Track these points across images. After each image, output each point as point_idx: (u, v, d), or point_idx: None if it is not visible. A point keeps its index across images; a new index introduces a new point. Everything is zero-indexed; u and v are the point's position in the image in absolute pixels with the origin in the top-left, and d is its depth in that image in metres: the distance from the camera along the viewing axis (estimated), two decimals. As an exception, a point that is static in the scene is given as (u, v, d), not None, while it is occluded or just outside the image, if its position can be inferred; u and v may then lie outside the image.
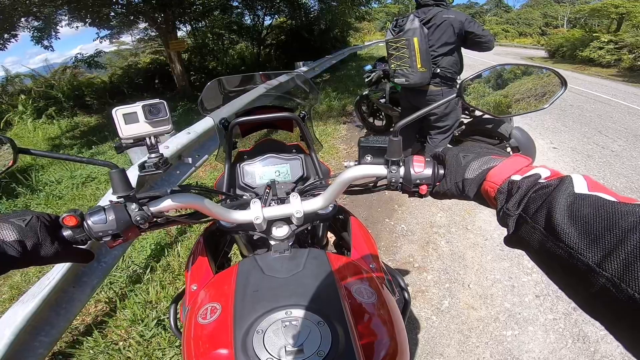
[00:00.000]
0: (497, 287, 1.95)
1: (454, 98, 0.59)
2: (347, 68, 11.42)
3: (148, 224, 0.57)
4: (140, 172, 0.60)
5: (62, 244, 0.53)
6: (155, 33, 9.68)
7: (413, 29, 2.41)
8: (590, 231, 0.31)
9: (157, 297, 1.93)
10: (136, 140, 0.60)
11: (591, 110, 5.92)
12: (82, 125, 7.90)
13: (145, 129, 0.59)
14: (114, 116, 0.58)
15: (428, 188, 0.57)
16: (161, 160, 0.60)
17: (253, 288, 0.57)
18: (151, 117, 0.58)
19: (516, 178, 0.43)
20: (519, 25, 46.90)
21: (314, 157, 0.94)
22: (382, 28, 43.00)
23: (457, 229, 2.50)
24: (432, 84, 2.59)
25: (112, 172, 0.55)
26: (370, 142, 0.62)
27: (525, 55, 20.13)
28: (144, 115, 0.58)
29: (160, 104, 0.59)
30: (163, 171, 0.60)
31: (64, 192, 3.74)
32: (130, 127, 0.58)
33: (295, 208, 0.67)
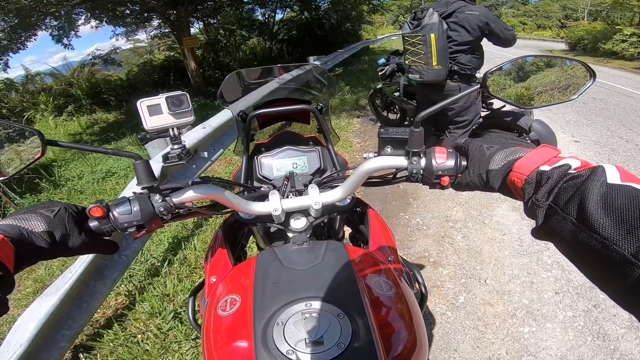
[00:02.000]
0: (514, 283, 1.92)
1: (479, 89, 0.57)
2: (360, 62, 11.33)
3: (170, 214, 0.58)
4: (164, 163, 0.61)
5: (88, 235, 0.53)
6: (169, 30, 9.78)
7: (431, 25, 2.32)
8: (626, 221, 0.30)
9: (175, 290, 1.96)
10: (160, 132, 0.61)
11: (615, 104, 5.70)
12: (101, 122, 8.12)
13: (168, 121, 0.60)
14: (139, 108, 0.59)
15: (450, 179, 0.56)
16: (184, 151, 0.61)
17: (272, 280, 0.57)
18: (174, 109, 0.59)
19: (545, 168, 0.42)
20: (537, 18, 45.40)
21: (331, 149, 0.94)
22: (394, 21, 42.31)
23: (474, 223, 2.46)
24: (450, 79, 2.53)
25: (137, 163, 0.56)
26: (391, 134, 0.61)
27: (544, 48, 19.53)
28: (167, 107, 0.59)
29: (183, 96, 0.60)
30: (186, 161, 0.61)
31: (85, 186, 3.86)
32: (155, 119, 0.59)
33: (314, 200, 0.67)
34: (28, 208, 0.51)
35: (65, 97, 8.85)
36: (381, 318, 0.52)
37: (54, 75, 10.10)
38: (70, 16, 7.42)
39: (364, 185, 0.67)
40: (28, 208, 0.51)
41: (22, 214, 0.49)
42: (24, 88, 9.51)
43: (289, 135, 1.00)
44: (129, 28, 9.37)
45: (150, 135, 0.62)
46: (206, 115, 6.60)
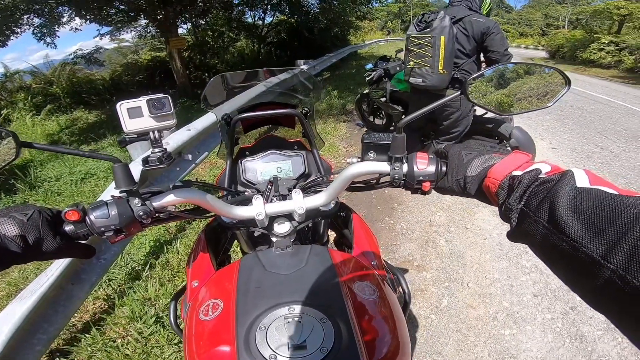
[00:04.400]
0: (495, 287, 1.96)
1: (459, 96, 0.59)
2: (348, 67, 11.41)
3: (150, 219, 0.57)
4: (143, 167, 0.59)
5: (64, 239, 0.52)
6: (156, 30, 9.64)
7: (442, 27, 2.24)
8: (594, 224, 0.31)
9: (156, 294, 1.92)
10: (140, 135, 0.60)
11: (591, 112, 5.93)
12: (81, 122, 7.89)
13: (149, 124, 0.58)
14: (118, 110, 0.57)
15: (431, 185, 0.57)
16: (165, 155, 0.59)
17: (255, 284, 0.57)
18: (155, 112, 0.58)
19: (517, 173, 0.44)
20: (520, 26, 46.86)
21: (316, 153, 0.94)
22: (382, 27, 42.96)
23: (457, 228, 2.51)
24: (450, 87, 2.47)
25: (115, 166, 0.55)
26: (373, 139, 0.62)
27: (525, 56, 20.11)
28: (148, 110, 0.58)
29: (164, 99, 0.59)
30: (167, 165, 0.59)
31: (63, 188, 3.73)
32: (135, 122, 0.58)
33: (298, 204, 0.67)
34: (1, 211, 0.49)
35: (45, 95, 8.60)
36: (364, 322, 0.52)
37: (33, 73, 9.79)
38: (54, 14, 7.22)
39: (347, 190, 0.68)
40: (1, 211, 0.49)
41: None
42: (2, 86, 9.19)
43: (273, 139, 0.99)
44: (114, 27, 9.14)
45: (130, 138, 0.60)
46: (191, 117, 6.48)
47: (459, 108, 2.57)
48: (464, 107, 2.58)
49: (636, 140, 4.33)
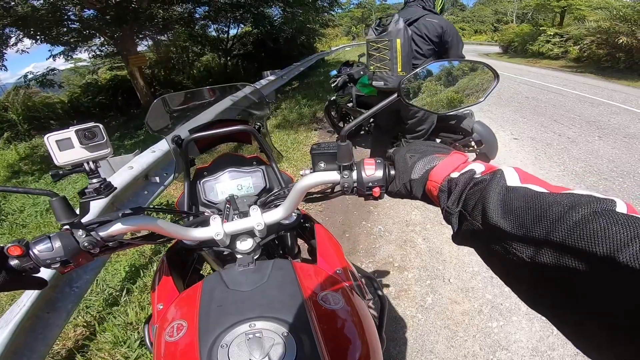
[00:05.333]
0: (476, 280, 2.00)
1: (396, 98, 0.59)
2: (316, 74, 11.46)
3: (99, 248, 0.57)
4: (81, 199, 0.58)
5: (10, 273, 0.53)
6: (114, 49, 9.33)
7: (397, 30, 2.26)
8: (522, 224, 0.31)
9: (138, 318, 1.88)
10: (74, 167, 0.57)
11: (546, 101, 6.30)
12: (42, 149, 7.48)
13: (82, 155, 0.56)
14: (46, 143, 0.55)
15: (381, 190, 0.57)
16: (102, 185, 0.57)
17: (217, 303, 0.57)
18: (87, 142, 0.55)
19: (454, 175, 0.45)
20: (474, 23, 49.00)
21: (275, 167, 0.94)
22: (347, 32, 43.72)
23: (432, 225, 2.56)
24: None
25: (53, 200, 0.54)
26: (322, 149, 0.63)
27: (481, 52, 21.08)
28: (78, 141, 0.55)
29: (95, 128, 0.56)
30: (105, 196, 0.58)
31: (28, 220, 3.56)
32: (66, 154, 0.55)
33: (256, 221, 0.68)
34: None
35: (0, 122, 8.13)
36: (329, 332, 0.53)
37: None
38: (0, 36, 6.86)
39: (306, 201, 0.69)
40: None
41: None
42: None
43: (231, 157, 0.99)
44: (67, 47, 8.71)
45: (64, 171, 0.58)
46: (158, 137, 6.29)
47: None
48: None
49: (590, 125, 4.64)
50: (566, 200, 0.30)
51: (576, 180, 3.12)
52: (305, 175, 0.63)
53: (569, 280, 0.27)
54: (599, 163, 3.43)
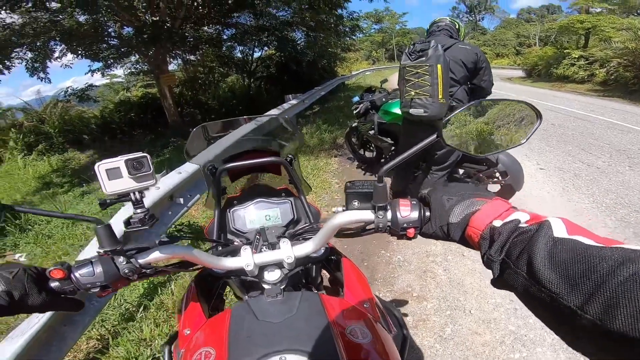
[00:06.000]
0: (499, 311, 1.94)
1: (435, 139, 0.59)
2: (337, 99, 11.48)
3: (137, 275, 0.58)
4: (125, 229, 0.59)
5: (49, 294, 0.55)
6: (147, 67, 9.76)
7: (437, 55, 2.20)
8: (571, 276, 0.33)
9: (152, 335, 1.89)
10: (120, 196, 0.59)
11: (573, 128, 6.14)
12: (74, 162, 7.84)
13: (129, 185, 0.58)
14: (97, 172, 0.57)
15: (415, 231, 0.58)
16: (147, 216, 0.59)
17: (246, 333, 0.57)
18: (135, 172, 0.57)
19: (497, 224, 0.45)
20: (495, 47, 48.80)
21: (303, 199, 0.95)
22: (368, 57, 44.46)
23: (454, 256, 2.49)
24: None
25: (98, 228, 0.56)
26: (356, 188, 0.63)
27: (504, 76, 20.89)
28: (127, 171, 0.57)
29: (143, 158, 0.58)
30: (149, 226, 0.59)
31: (54, 231, 3.68)
32: (114, 183, 0.57)
33: (286, 254, 0.69)
34: None
35: (37, 134, 8.55)
36: None
37: (25, 110, 9.77)
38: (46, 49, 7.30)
39: (337, 236, 0.69)
40: None
41: None
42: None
43: (260, 187, 1.01)
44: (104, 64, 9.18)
45: (111, 200, 0.59)
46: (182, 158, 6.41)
47: None
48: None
49: (620, 154, 4.47)
50: (616, 255, 0.31)
51: (606, 212, 2.99)
52: (338, 212, 0.64)
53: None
54: (630, 195, 3.28)
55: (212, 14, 8.80)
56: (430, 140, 0.58)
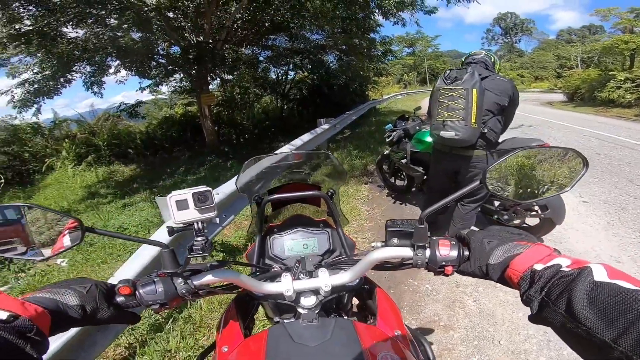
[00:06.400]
0: (531, 343, 1.86)
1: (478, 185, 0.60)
2: (368, 123, 11.39)
3: (191, 295, 0.65)
4: (188, 254, 0.65)
5: (115, 309, 0.61)
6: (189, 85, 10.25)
7: (473, 81, 2.24)
8: (607, 314, 0.36)
9: (177, 347, 1.94)
10: (186, 225, 0.66)
11: (619, 158, 5.76)
12: (118, 175, 8.32)
13: (194, 215, 0.65)
14: (168, 202, 0.64)
15: (453, 269, 0.61)
16: (207, 244, 0.65)
17: (283, 355, 0.60)
18: (199, 205, 0.64)
19: (538, 267, 0.49)
20: (534, 69, 47.05)
21: (340, 232, 0.99)
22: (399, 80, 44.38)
23: (485, 287, 2.41)
24: (477, 146, 2.41)
25: (164, 252, 0.63)
26: (397, 226, 0.67)
27: (544, 100, 20.01)
28: (193, 203, 0.64)
29: (207, 192, 0.65)
30: (208, 254, 0.65)
31: (96, 240, 3.88)
32: (182, 213, 0.64)
33: (324, 282, 0.73)
34: (62, 282, 0.59)
35: (87, 145, 9.18)
36: None
37: (79, 122, 10.49)
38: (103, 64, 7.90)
39: (373, 269, 0.73)
40: (62, 282, 0.59)
41: (58, 288, 0.57)
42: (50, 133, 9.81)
43: (300, 218, 1.05)
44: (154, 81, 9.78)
45: (177, 228, 0.67)
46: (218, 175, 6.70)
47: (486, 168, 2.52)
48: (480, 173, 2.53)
49: (673, 189, 4.13)
50: None
51: (657, 251, 2.75)
52: (377, 248, 0.69)
53: None
54: (683, 232, 3.01)
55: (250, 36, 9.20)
56: (473, 186, 0.60)
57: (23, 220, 0.67)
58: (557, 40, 54.31)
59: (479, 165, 2.46)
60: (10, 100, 7.52)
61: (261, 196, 1.00)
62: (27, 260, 3.45)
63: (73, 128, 10.33)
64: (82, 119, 10.82)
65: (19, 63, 7.37)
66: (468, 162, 2.47)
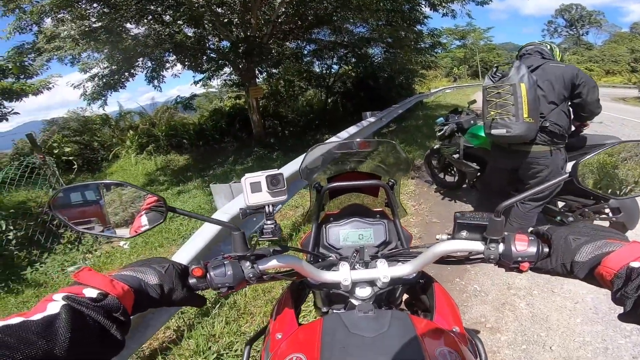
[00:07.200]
0: (586, 350, 1.76)
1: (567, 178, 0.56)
2: (414, 117, 11.06)
3: (256, 279, 0.64)
4: (260, 237, 0.66)
5: (188, 290, 0.60)
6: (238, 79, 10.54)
7: (520, 75, 2.14)
8: None
9: (221, 332, 2.01)
10: (257, 208, 0.66)
11: None
12: (174, 164, 8.88)
13: (266, 198, 0.65)
14: (243, 183, 0.65)
15: (530, 265, 0.59)
16: (277, 227, 0.65)
17: (340, 344, 0.59)
18: (272, 188, 0.64)
19: (635, 265, 0.47)
20: (605, 63, 42.57)
21: (398, 223, 0.97)
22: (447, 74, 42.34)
23: (541, 291, 2.29)
24: (538, 141, 2.27)
25: (235, 234, 0.63)
26: (467, 219, 0.64)
27: (615, 96, 18.03)
28: (266, 185, 0.64)
29: (279, 175, 0.65)
30: (278, 238, 0.65)
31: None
32: (255, 196, 0.65)
33: (382, 273, 0.72)
34: (143, 261, 0.60)
35: (148, 136, 9.93)
36: None
37: (141, 114, 11.39)
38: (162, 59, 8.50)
39: (435, 263, 0.71)
40: (143, 261, 0.60)
41: (139, 266, 0.57)
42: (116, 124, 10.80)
43: (357, 207, 1.03)
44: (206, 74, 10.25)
45: (250, 210, 0.67)
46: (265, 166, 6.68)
47: (549, 166, 2.33)
48: (554, 164, 2.34)
49: None
50: None
51: None
52: (442, 240, 0.67)
53: None
54: None
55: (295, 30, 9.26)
56: (562, 178, 0.58)
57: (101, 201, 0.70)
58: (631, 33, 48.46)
59: (542, 161, 2.32)
60: (82, 94, 8.36)
61: (321, 184, 0.99)
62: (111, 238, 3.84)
63: (136, 120, 11.22)
64: (144, 111, 11.74)
65: (87, 59, 8.12)
66: (528, 158, 2.34)
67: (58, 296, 0.44)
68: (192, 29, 8.02)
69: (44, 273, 3.57)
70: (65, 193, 0.62)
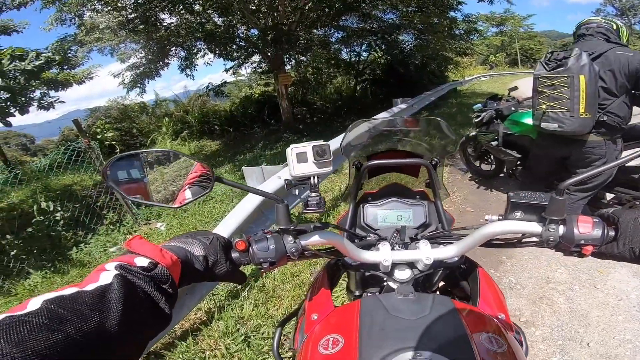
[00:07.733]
0: (625, 347, 1.69)
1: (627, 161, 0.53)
2: (447, 105, 10.74)
3: (297, 255, 0.62)
4: (304, 210, 0.64)
5: (231, 264, 0.59)
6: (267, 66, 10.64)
7: (579, 66, 1.99)
8: None
9: (249, 315, 2.05)
10: (302, 179, 0.64)
11: None
12: (206, 149, 9.21)
13: (311, 169, 0.63)
14: (289, 154, 0.63)
15: (593, 249, 0.55)
16: (322, 200, 0.63)
17: (379, 326, 0.57)
18: (318, 158, 0.62)
19: None
20: (665, 54, 38.76)
21: (439, 205, 0.92)
22: (483, 61, 40.19)
23: (582, 287, 2.18)
24: (594, 131, 2.15)
25: (279, 205, 0.60)
26: (523, 198, 0.60)
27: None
28: (312, 156, 0.62)
29: (325, 146, 0.63)
30: (323, 210, 0.63)
31: (188, 206, 4.20)
32: (300, 166, 0.63)
33: (425, 255, 0.68)
34: (188, 233, 0.58)
35: (182, 123, 10.33)
36: None
37: (176, 102, 11.85)
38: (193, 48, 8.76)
39: (481, 246, 0.67)
40: (188, 233, 0.58)
41: (185, 238, 0.57)
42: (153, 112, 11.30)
43: (397, 187, 0.99)
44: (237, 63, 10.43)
45: (295, 181, 0.65)
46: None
47: (604, 155, 2.21)
48: (610, 154, 2.20)
49: None
50: None
51: None
52: (492, 221, 0.62)
53: None
54: None
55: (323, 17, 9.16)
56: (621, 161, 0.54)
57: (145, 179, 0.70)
58: (686, 22, 43.49)
59: (595, 151, 2.19)
60: (122, 82, 8.73)
61: (361, 161, 0.95)
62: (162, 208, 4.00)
63: (171, 107, 11.68)
64: (178, 99, 12.16)
65: (125, 49, 8.49)
66: (582, 147, 2.22)
67: (110, 265, 0.43)
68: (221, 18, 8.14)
69: (87, 253, 3.74)
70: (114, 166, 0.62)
